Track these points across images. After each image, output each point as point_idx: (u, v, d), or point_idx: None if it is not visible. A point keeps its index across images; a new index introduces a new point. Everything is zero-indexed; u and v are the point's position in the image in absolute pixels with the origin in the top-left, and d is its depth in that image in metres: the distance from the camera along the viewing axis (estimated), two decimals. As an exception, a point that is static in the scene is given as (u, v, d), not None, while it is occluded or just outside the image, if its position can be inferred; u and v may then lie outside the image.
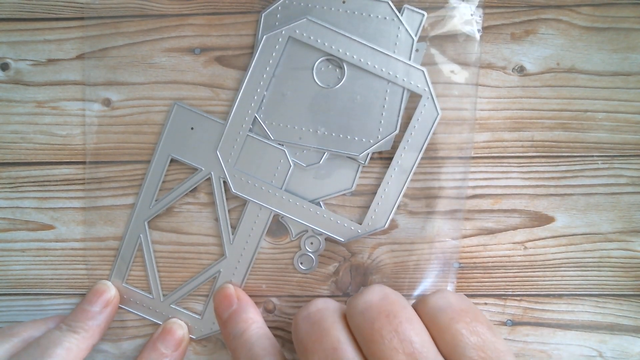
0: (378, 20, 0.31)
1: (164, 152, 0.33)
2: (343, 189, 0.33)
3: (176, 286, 0.34)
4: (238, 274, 0.33)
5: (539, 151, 0.33)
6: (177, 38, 0.33)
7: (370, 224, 0.32)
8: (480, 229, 0.33)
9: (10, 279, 0.34)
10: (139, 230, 0.33)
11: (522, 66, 0.32)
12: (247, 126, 0.32)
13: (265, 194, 0.32)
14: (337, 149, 0.32)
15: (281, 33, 0.31)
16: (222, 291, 0.33)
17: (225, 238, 0.33)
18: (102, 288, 0.33)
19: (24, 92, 0.33)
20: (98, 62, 0.33)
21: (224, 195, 0.33)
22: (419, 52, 0.31)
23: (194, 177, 0.33)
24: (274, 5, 0.31)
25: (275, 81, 0.32)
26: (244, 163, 0.32)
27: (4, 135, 0.34)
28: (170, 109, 0.32)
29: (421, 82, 0.31)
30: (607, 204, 0.33)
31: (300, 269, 0.33)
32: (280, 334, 0.34)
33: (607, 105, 0.32)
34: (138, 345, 0.34)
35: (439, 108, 0.31)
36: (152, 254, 0.33)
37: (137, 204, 0.33)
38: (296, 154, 0.32)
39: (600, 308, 0.33)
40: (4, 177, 0.34)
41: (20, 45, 0.33)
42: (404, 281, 0.33)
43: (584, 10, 0.32)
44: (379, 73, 0.31)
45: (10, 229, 0.34)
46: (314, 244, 0.33)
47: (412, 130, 0.32)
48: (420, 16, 0.31)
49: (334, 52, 0.31)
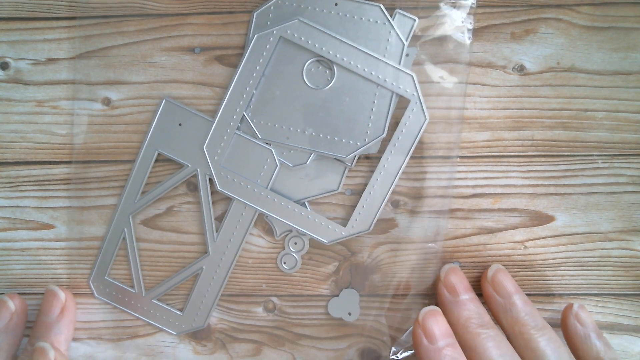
0: (369, 24, 0.31)
1: (151, 147, 0.33)
2: (329, 190, 0.33)
3: (159, 282, 0.34)
4: (220, 271, 0.33)
5: (539, 150, 0.33)
6: (177, 37, 0.33)
7: (355, 226, 0.32)
8: (480, 228, 0.33)
9: (10, 278, 0.34)
10: (124, 224, 0.33)
11: (522, 65, 0.32)
12: (235, 124, 0.32)
13: (251, 193, 0.32)
14: (324, 150, 0.32)
15: (272, 33, 0.31)
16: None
17: (209, 235, 0.33)
18: (52, 295, 0.33)
19: (23, 91, 0.33)
20: (98, 61, 0.33)
21: (209, 193, 0.33)
22: (409, 56, 0.31)
23: (179, 173, 0.33)
24: (266, 4, 0.31)
25: (264, 80, 0.32)
26: (230, 161, 0.32)
27: (3, 135, 0.33)
28: (159, 104, 0.32)
29: (410, 86, 0.31)
30: (607, 203, 0.33)
31: (283, 268, 0.33)
32: (281, 333, 0.34)
33: (607, 104, 0.32)
34: (138, 345, 0.34)
35: (427, 113, 0.31)
36: (135, 248, 0.33)
37: (122, 198, 0.33)
38: (283, 154, 0.32)
39: (600, 307, 0.33)
40: (4, 177, 0.34)
41: (20, 44, 0.33)
42: (404, 281, 0.33)
43: (584, 9, 0.32)
44: (368, 76, 0.31)
45: (10, 229, 0.34)
46: (297, 244, 0.33)
47: (400, 134, 0.31)
48: (411, 21, 0.31)
49: (324, 53, 0.31)
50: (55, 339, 0.32)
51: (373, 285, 0.33)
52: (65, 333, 0.32)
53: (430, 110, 0.32)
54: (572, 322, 0.31)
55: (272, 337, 0.34)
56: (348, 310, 0.33)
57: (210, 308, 0.34)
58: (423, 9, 0.31)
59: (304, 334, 0.34)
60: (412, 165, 0.32)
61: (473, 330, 0.29)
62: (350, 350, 0.34)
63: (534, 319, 0.30)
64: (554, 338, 0.29)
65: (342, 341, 0.34)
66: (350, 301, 0.33)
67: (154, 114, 0.32)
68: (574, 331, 0.31)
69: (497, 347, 0.29)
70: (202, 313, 0.34)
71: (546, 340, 0.29)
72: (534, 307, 0.31)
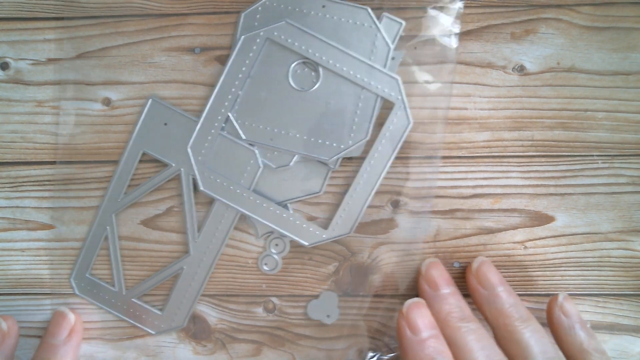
0: (356, 27, 0.31)
1: (136, 146, 0.33)
2: (312, 193, 0.33)
3: (140, 281, 0.34)
4: (201, 271, 0.33)
5: (539, 150, 0.33)
6: (177, 37, 0.33)
7: (336, 229, 0.32)
8: (480, 229, 0.33)
9: (10, 278, 0.34)
10: (106, 222, 0.33)
11: (522, 65, 0.32)
12: (220, 124, 0.32)
13: (233, 194, 0.32)
14: (307, 152, 0.32)
15: (259, 34, 0.31)
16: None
17: (191, 235, 0.33)
18: (61, 316, 0.33)
19: (23, 91, 0.33)
20: (98, 61, 0.33)
21: (192, 193, 0.33)
22: (395, 60, 0.31)
23: (163, 173, 0.33)
24: (254, 5, 0.31)
25: (250, 82, 0.32)
26: (214, 161, 0.32)
27: (4, 135, 0.34)
28: (145, 103, 0.32)
29: (395, 90, 0.31)
30: (607, 204, 0.33)
31: (263, 269, 0.33)
32: (281, 333, 0.34)
33: (607, 104, 0.32)
34: (138, 345, 0.34)
35: (411, 117, 0.31)
36: (117, 247, 0.33)
37: (106, 197, 0.33)
38: (267, 155, 0.32)
39: (600, 308, 0.33)
40: (3, 177, 0.34)
41: (20, 44, 0.33)
42: (404, 281, 0.33)
43: (584, 9, 0.32)
44: (353, 79, 0.31)
45: (10, 229, 0.34)
46: (278, 246, 0.33)
47: (383, 137, 0.32)
48: (398, 25, 0.31)
49: (310, 55, 0.31)
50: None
51: (373, 285, 0.33)
52: (72, 356, 0.32)
53: (415, 110, 0.32)
54: (557, 314, 0.31)
55: (272, 337, 0.34)
56: (327, 313, 0.33)
57: (190, 308, 0.34)
58: (410, 12, 0.31)
59: (304, 334, 0.34)
60: (404, 165, 0.32)
61: (454, 324, 0.29)
62: (351, 350, 0.34)
63: (518, 311, 0.30)
64: (538, 329, 0.29)
65: (343, 341, 0.34)
66: (329, 303, 0.33)
67: (140, 113, 0.33)
68: (559, 322, 0.31)
69: (477, 340, 0.29)
70: (182, 313, 0.34)
71: (530, 332, 0.29)
72: (518, 298, 0.31)
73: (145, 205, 0.34)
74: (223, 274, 0.34)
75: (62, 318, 0.33)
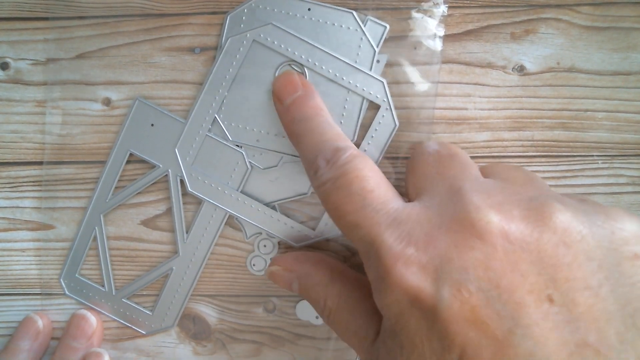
0: (342, 30, 0.31)
1: (123, 146, 0.33)
2: (299, 193, 0.33)
3: (130, 281, 0.34)
4: (190, 272, 0.33)
5: (539, 151, 0.33)
6: (177, 37, 0.33)
7: (324, 230, 0.32)
8: (481, 229, 0.33)
9: (10, 279, 0.34)
10: (95, 223, 0.33)
11: (522, 65, 0.32)
12: (207, 126, 0.32)
13: (221, 195, 0.32)
14: (294, 153, 0.32)
15: (246, 36, 0.31)
16: (286, 76, 0.31)
17: (180, 236, 0.33)
18: (83, 319, 0.33)
19: (23, 91, 0.33)
20: (98, 61, 0.33)
21: (179, 194, 0.33)
22: (380, 63, 0.32)
23: (151, 174, 0.33)
24: (240, 7, 0.32)
25: (236, 83, 0.32)
26: (201, 162, 0.32)
27: (3, 135, 0.34)
28: (132, 103, 0.33)
29: (380, 92, 0.31)
30: (607, 204, 0.33)
31: (252, 270, 0.34)
32: (281, 333, 0.34)
33: (607, 104, 0.32)
34: (138, 345, 0.34)
35: (397, 119, 0.31)
36: (106, 247, 0.34)
37: (93, 197, 0.33)
38: (254, 156, 0.32)
39: (600, 308, 0.33)
40: (3, 177, 0.34)
41: (20, 44, 0.33)
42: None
43: (584, 9, 0.32)
44: (339, 81, 0.31)
45: (10, 229, 0.34)
46: (267, 247, 0.33)
47: (370, 139, 0.32)
48: (382, 28, 0.31)
49: (296, 57, 0.31)
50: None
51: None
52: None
53: (401, 111, 0.32)
54: None
55: (272, 337, 0.34)
56: (315, 314, 0.33)
57: (180, 309, 0.34)
58: (394, 15, 0.31)
59: (304, 334, 0.34)
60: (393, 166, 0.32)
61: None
62: (352, 350, 0.34)
63: None
64: None
65: (343, 341, 0.34)
66: None
67: (127, 114, 0.33)
68: None
69: None
70: (172, 313, 0.34)
71: None
72: None
73: (146, 205, 0.34)
74: (223, 274, 0.34)
75: (85, 321, 0.33)
